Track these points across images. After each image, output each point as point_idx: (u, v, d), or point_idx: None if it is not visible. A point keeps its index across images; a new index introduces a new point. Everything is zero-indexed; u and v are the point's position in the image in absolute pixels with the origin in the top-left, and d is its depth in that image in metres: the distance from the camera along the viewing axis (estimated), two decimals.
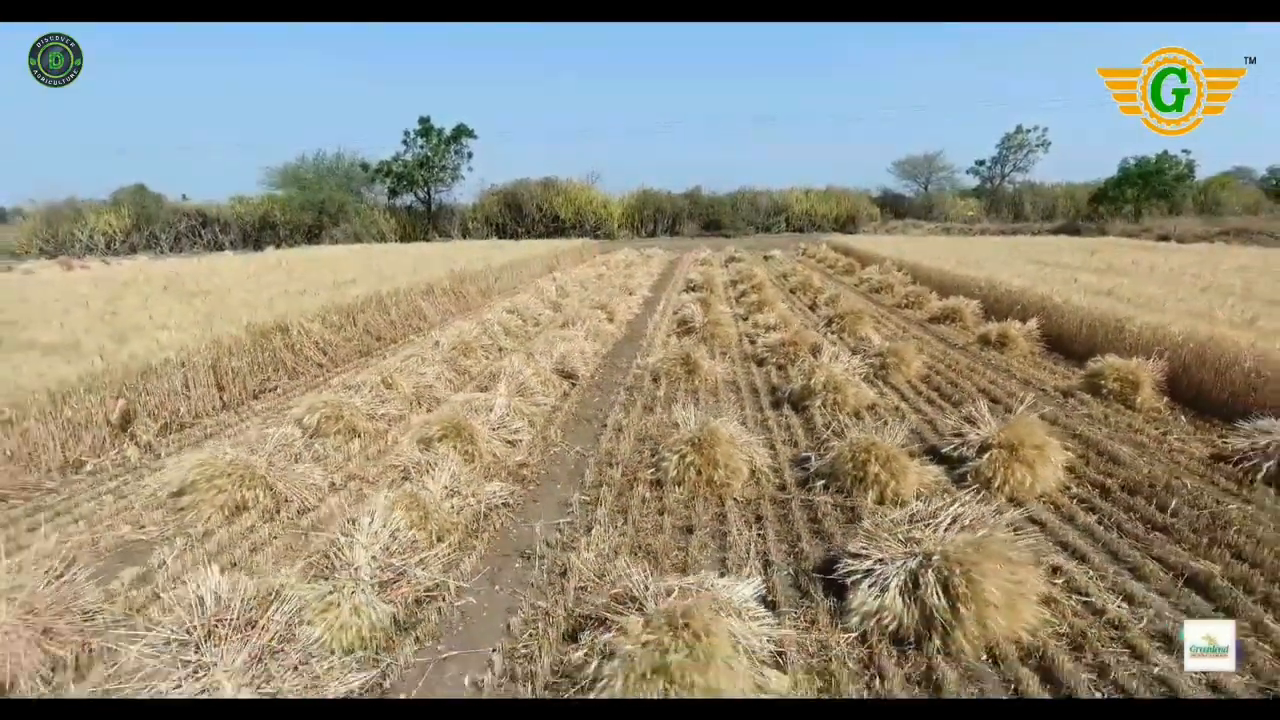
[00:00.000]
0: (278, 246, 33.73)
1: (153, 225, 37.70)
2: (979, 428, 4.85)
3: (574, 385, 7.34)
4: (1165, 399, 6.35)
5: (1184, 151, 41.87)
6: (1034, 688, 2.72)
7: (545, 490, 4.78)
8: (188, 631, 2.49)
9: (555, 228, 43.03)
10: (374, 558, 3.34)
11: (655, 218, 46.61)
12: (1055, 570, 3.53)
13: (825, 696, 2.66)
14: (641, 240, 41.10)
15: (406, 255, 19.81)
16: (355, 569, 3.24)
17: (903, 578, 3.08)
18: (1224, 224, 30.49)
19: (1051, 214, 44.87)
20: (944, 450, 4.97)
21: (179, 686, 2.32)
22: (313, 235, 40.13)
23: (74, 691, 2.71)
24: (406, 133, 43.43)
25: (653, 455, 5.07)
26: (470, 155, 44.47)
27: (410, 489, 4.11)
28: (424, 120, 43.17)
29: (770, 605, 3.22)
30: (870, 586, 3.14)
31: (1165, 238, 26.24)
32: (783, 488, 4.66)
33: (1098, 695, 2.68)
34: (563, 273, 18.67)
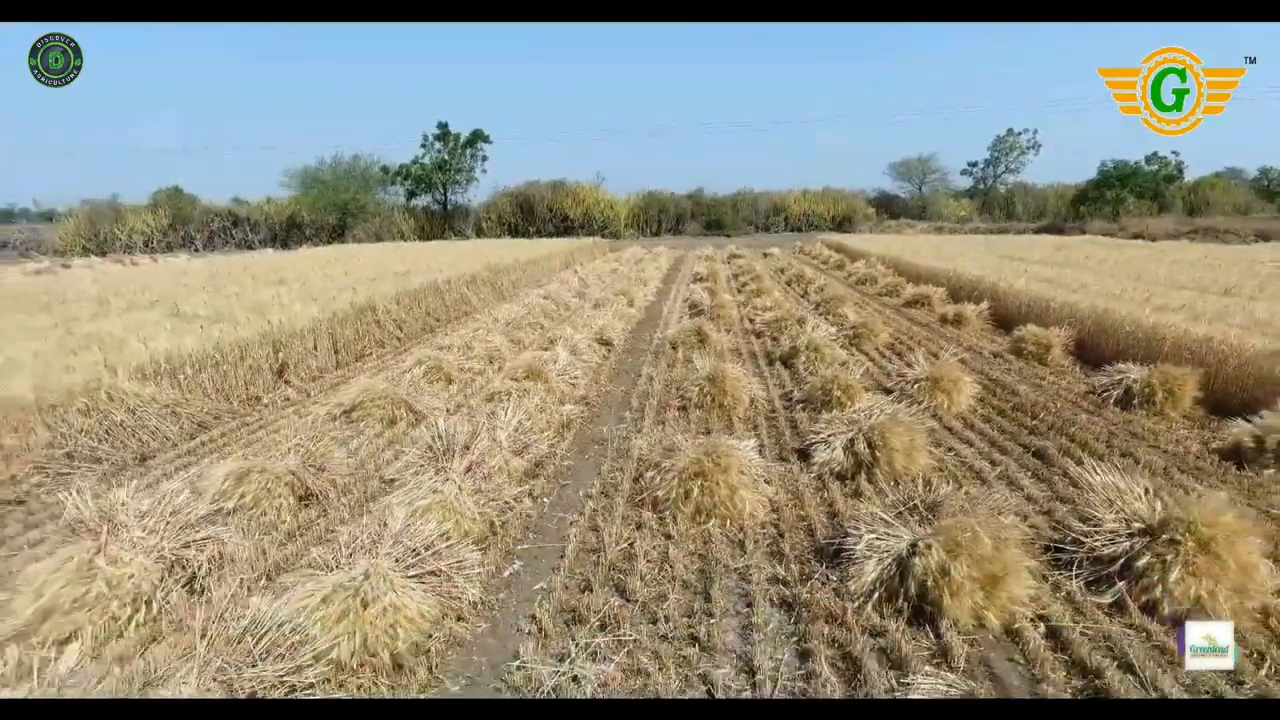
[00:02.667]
0: (307, 245, 35.67)
1: (187, 225, 39.86)
2: (914, 369, 6.73)
3: (611, 350, 9.24)
4: (1072, 357, 8.22)
5: (1173, 153, 43.70)
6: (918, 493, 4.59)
7: (604, 412, 6.68)
8: (433, 451, 4.38)
9: (564, 227, 44.97)
10: (509, 435, 5.23)
11: (659, 218, 48.60)
12: (950, 449, 5.41)
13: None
14: (647, 239, 43.03)
15: (440, 252, 21.71)
16: (499, 441, 5.13)
17: (845, 441, 4.97)
18: (1194, 224, 32.43)
19: (1042, 214, 46.74)
20: (889, 386, 6.87)
21: (433, 479, 4.19)
22: (336, 234, 42.15)
23: (345, 502, 4.59)
24: (425, 136, 45.52)
25: (678, 392, 6.95)
26: (485, 159, 46.54)
27: (515, 402, 6.00)
28: (442, 125, 45.32)
29: None
30: (825, 449, 5.03)
31: (1139, 236, 28.14)
32: (773, 410, 6.55)
33: (964, 509, 4.52)
34: (580, 267, 20.58)
